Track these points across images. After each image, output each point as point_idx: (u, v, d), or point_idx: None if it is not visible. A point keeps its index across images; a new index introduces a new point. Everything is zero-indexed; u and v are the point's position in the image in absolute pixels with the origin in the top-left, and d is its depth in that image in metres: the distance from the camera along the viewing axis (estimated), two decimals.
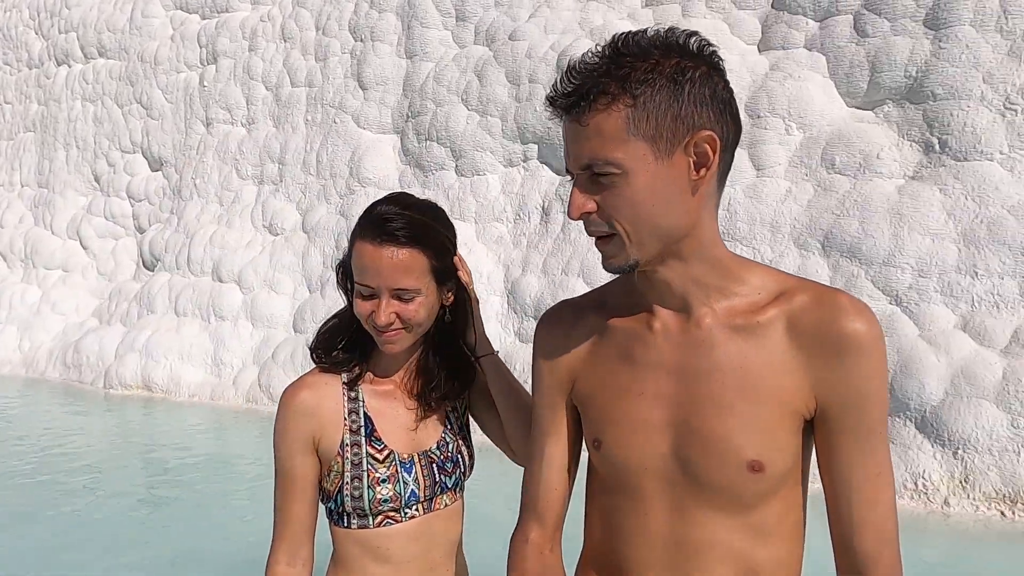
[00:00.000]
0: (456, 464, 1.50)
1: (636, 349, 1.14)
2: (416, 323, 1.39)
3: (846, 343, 1.03)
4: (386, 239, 1.35)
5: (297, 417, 1.40)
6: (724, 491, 1.08)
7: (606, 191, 1.03)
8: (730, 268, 1.11)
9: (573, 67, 1.03)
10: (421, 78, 7.84)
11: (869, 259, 5.52)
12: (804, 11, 6.19)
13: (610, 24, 6.89)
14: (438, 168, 7.66)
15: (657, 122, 1.00)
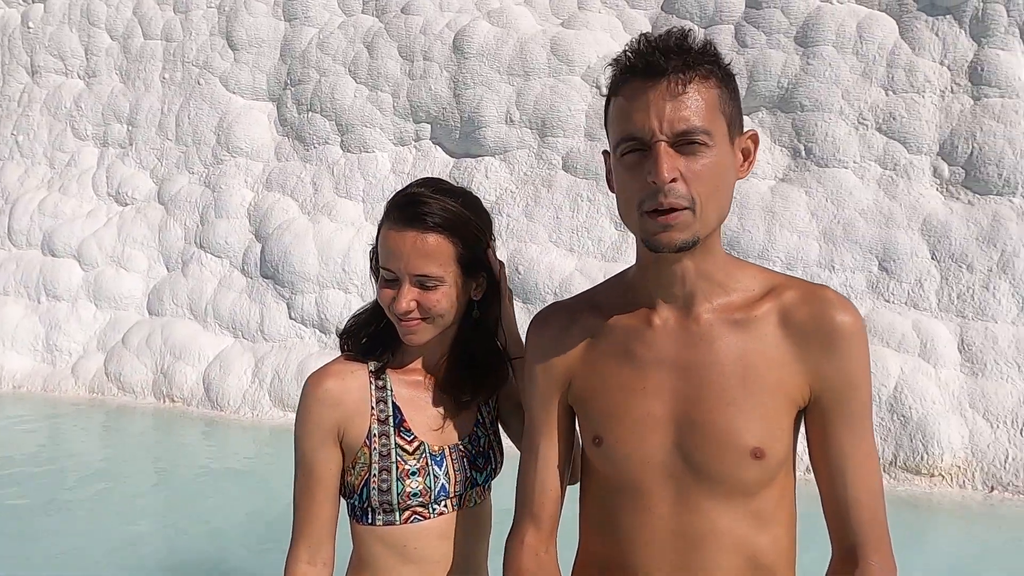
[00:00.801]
0: (488, 460, 1.46)
1: (636, 346, 1.18)
2: (437, 313, 1.34)
3: (836, 334, 1.11)
4: (411, 223, 1.32)
5: (321, 407, 1.35)
6: (727, 480, 1.13)
7: (691, 160, 1.05)
8: (729, 265, 1.18)
9: (657, 37, 1.07)
10: (303, 44, 7.35)
11: (746, 252, 6.10)
12: (691, 16, 6.60)
13: (507, 8, 6.89)
14: (321, 142, 7.26)
15: (732, 108, 1.10)
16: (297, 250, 6.98)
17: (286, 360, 6.91)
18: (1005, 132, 5.83)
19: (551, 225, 6.59)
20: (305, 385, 1.38)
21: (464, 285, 1.38)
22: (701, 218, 1.07)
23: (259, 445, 6.50)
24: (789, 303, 1.14)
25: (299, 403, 1.38)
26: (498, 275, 1.45)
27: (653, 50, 1.06)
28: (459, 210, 1.35)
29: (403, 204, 1.35)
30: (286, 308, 7.09)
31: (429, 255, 1.32)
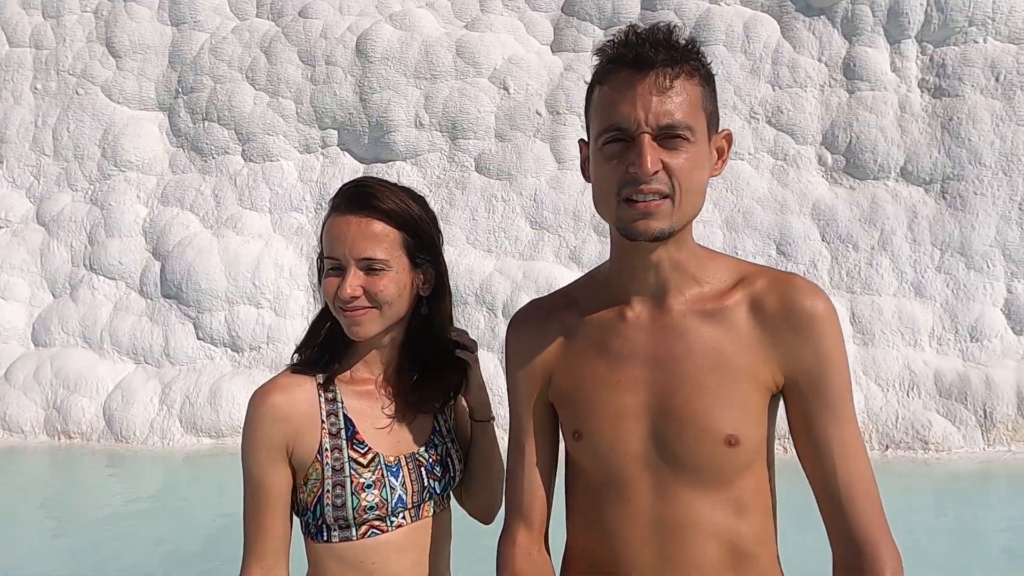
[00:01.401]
0: (446, 468, 1.41)
1: (610, 340, 1.19)
2: (384, 300, 1.30)
3: (805, 319, 1.12)
4: (357, 208, 1.30)
5: (268, 423, 1.29)
6: (704, 468, 1.14)
7: (672, 153, 1.07)
8: (701, 258, 1.19)
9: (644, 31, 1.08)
10: (193, 49, 6.99)
11: None
12: (590, 18, 6.82)
13: (409, 11, 6.85)
14: (220, 152, 6.94)
15: (712, 107, 1.12)
16: (201, 266, 6.64)
17: (196, 383, 6.56)
18: (877, 122, 6.41)
19: (467, 227, 6.62)
20: (250, 401, 1.32)
21: (410, 273, 1.34)
22: (679, 210, 1.09)
23: (172, 475, 6.13)
24: (759, 291, 1.16)
25: (245, 420, 1.32)
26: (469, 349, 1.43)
27: (643, 42, 1.06)
28: (406, 199, 1.34)
29: (349, 192, 1.32)
30: (193, 328, 6.72)
31: (375, 239, 1.28)
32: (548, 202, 6.56)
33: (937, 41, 6.44)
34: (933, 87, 6.43)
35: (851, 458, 1.13)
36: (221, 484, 5.67)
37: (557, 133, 6.61)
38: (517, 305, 6.56)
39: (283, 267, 6.69)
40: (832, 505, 1.14)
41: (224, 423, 6.34)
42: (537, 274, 6.44)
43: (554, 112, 6.64)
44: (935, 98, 6.41)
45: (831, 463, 1.13)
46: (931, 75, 6.43)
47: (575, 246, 6.51)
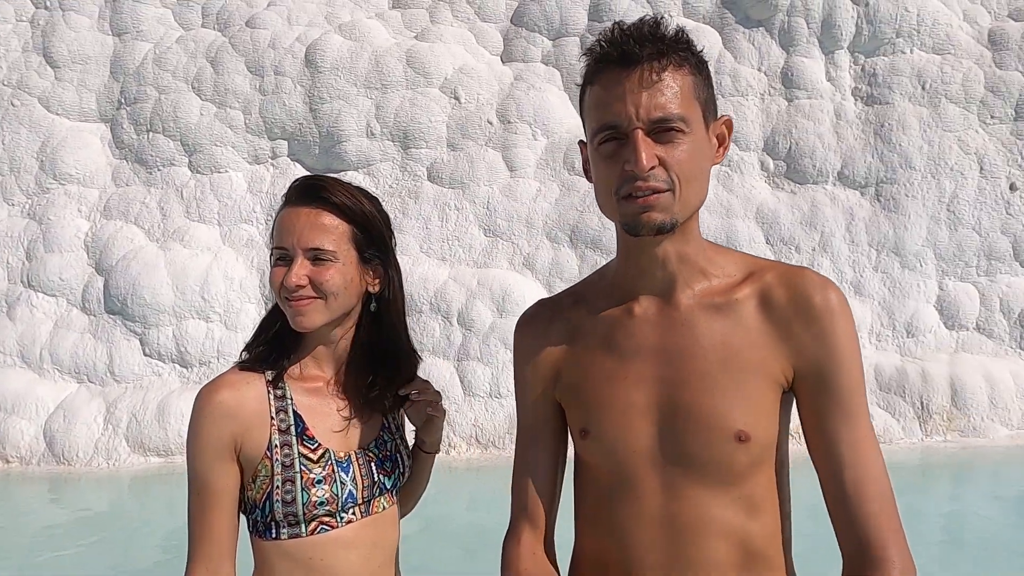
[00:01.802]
0: (396, 464, 1.42)
1: (618, 336, 1.18)
2: (330, 291, 1.30)
3: (815, 312, 1.10)
4: (307, 200, 1.32)
5: (216, 420, 1.27)
6: (713, 464, 1.11)
7: (668, 146, 1.06)
8: (709, 251, 1.18)
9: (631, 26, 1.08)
10: (136, 60, 6.84)
11: (608, 249, 6.50)
12: (539, 29, 6.94)
13: (359, 22, 6.86)
14: (166, 164, 6.80)
15: (707, 93, 1.11)
16: (147, 281, 6.47)
17: (143, 401, 6.37)
18: (815, 129, 6.69)
19: (421, 236, 6.63)
20: (196, 399, 1.30)
21: (358, 267, 1.34)
22: (680, 201, 1.07)
23: (118, 497, 5.93)
24: (768, 285, 1.14)
25: (191, 419, 1.30)
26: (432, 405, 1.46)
27: (627, 39, 1.05)
28: (358, 195, 1.35)
29: (301, 184, 1.34)
30: (139, 344, 6.54)
31: (323, 229, 1.30)
32: (501, 210, 6.62)
33: (868, 52, 6.77)
34: (865, 95, 6.75)
35: (862, 457, 1.09)
36: (171, 504, 5.50)
37: (509, 142, 6.69)
38: (472, 313, 6.60)
39: (233, 280, 6.57)
40: (841, 505, 1.10)
41: (173, 441, 6.17)
42: (492, 281, 6.48)
43: (505, 121, 6.72)
44: (867, 106, 6.73)
45: (840, 462, 1.09)
46: (863, 84, 6.75)
47: (529, 253, 6.58)
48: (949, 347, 6.46)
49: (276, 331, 1.37)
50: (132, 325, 6.54)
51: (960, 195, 6.54)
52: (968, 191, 6.53)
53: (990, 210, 6.53)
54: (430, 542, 4.20)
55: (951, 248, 6.52)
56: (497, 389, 6.22)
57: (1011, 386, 6.17)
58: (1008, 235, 6.51)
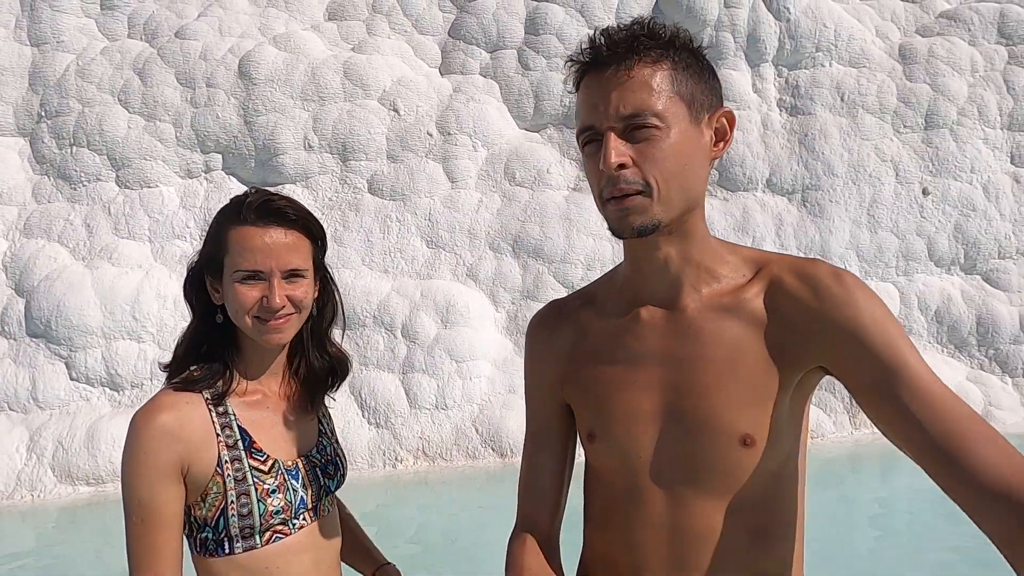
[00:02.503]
0: (336, 467, 1.47)
1: (626, 339, 1.15)
2: (304, 306, 1.36)
3: (830, 290, 1.04)
4: (275, 220, 1.33)
5: (159, 443, 1.26)
6: (718, 471, 1.08)
7: (643, 144, 1.03)
8: (718, 250, 1.13)
9: (609, 28, 1.07)
10: (57, 71, 6.56)
11: (550, 258, 6.58)
12: (477, 41, 7.01)
13: (294, 34, 6.77)
14: (92, 179, 6.52)
15: (692, 87, 1.05)
16: (73, 301, 6.18)
17: (71, 428, 6.06)
18: (744, 139, 6.96)
19: (362, 248, 6.55)
20: (134, 423, 1.27)
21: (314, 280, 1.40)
22: (661, 202, 1.04)
23: (44, 531, 5.61)
24: (778, 280, 1.09)
25: (129, 444, 1.27)
26: None
27: (601, 42, 1.05)
28: (306, 209, 1.39)
29: (260, 204, 1.33)
30: (64, 368, 6.22)
31: (296, 249, 1.33)
32: (443, 221, 6.62)
33: (790, 65, 7.11)
34: (790, 106, 7.07)
35: (947, 412, 0.94)
36: (103, 535, 5.25)
37: (449, 153, 6.71)
38: (416, 325, 6.55)
39: (166, 298, 6.34)
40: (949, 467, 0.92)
41: (104, 468, 5.89)
42: (435, 293, 6.46)
43: (445, 132, 6.74)
44: (792, 116, 7.05)
45: (919, 424, 0.95)
46: (787, 95, 7.08)
47: (471, 263, 6.60)
48: None
49: (206, 350, 1.37)
50: (57, 348, 6.22)
51: (878, 200, 6.92)
52: (885, 196, 6.92)
53: (906, 213, 6.93)
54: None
55: (872, 250, 6.89)
56: (443, 401, 6.19)
57: None
58: (923, 237, 6.92)
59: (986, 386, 6.58)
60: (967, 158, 6.99)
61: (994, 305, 6.78)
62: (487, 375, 6.29)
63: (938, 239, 6.90)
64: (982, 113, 7.05)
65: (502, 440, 6.06)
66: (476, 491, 5.61)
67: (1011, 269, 6.92)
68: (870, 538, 4.57)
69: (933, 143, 7.01)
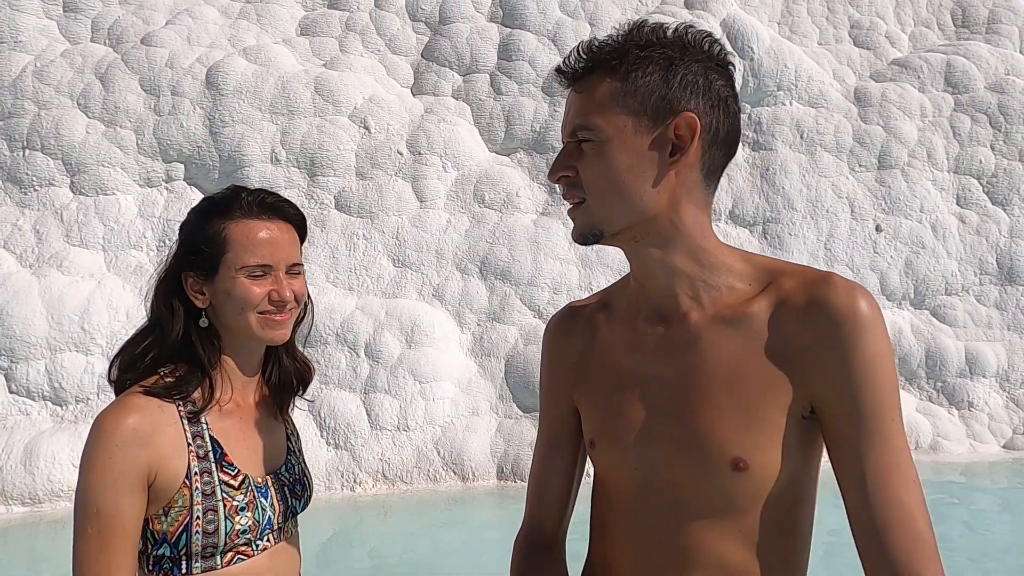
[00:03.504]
0: (304, 487, 1.41)
1: (629, 349, 1.14)
2: (304, 301, 1.37)
3: (839, 320, 0.98)
4: (276, 214, 1.32)
5: (127, 449, 1.18)
6: (709, 491, 1.05)
7: (585, 158, 1.05)
8: (717, 259, 1.09)
9: (587, 43, 1.08)
10: (13, 72, 6.33)
11: (517, 280, 6.58)
12: (449, 64, 7.05)
13: (265, 47, 6.70)
14: (44, 184, 6.27)
15: (643, 99, 1.02)
16: (18, 310, 5.88)
17: (7, 443, 5.73)
18: None
19: (327, 265, 6.44)
20: (99, 425, 1.21)
21: None
22: (597, 211, 1.04)
23: None
24: (787, 294, 1.04)
25: (91, 447, 1.20)
26: None
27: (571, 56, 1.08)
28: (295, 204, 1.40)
29: (257, 199, 1.32)
30: (3, 380, 5.90)
31: (295, 243, 1.35)
32: (410, 240, 6.56)
33: (754, 102, 7.35)
34: (752, 141, 7.29)
35: (889, 485, 0.96)
36: (35, 559, 4.94)
37: (419, 173, 6.69)
38: (380, 344, 6.44)
39: (118, 309, 6.09)
40: (867, 542, 0.98)
41: (41, 487, 5.57)
42: (400, 312, 6.38)
43: (416, 152, 6.72)
44: (754, 151, 7.27)
45: (865, 492, 0.97)
46: (750, 131, 7.30)
47: (438, 284, 6.55)
48: None
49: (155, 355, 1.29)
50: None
51: (835, 235, 7.15)
52: (841, 231, 7.16)
53: (860, 248, 7.18)
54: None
55: None
56: (405, 422, 6.07)
57: None
58: (876, 271, 7.17)
59: (934, 417, 6.79)
60: (917, 198, 7.30)
61: (942, 339, 7.04)
62: (450, 396, 6.20)
63: (890, 274, 7.16)
64: (931, 156, 7.39)
65: (464, 464, 5.96)
66: (436, 515, 5.49)
67: (957, 305, 7.20)
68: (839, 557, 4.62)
69: (886, 182, 7.31)
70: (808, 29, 7.80)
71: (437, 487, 5.85)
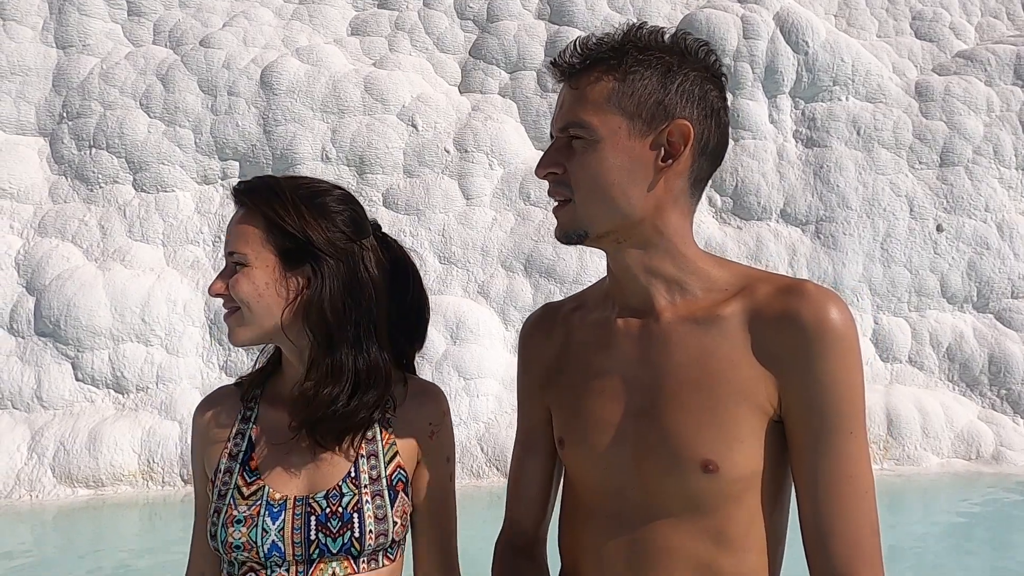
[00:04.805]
0: (346, 526, 1.16)
1: (602, 348, 1.13)
2: (241, 300, 1.15)
3: (808, 332, 0.98)
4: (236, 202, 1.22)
5: (193, 435, 1.28)
6: (679, 493, 1.04)
7: (575, 156, 1.03)
8: (695, 264, 1.08)
9: (584, 39, 1.07)
10: (81, 74, 6.63)
11: (562, 278, 6.58)
12: (497, 62, 7.07)
13: (316, 47, 6.84)
14: (109, 181, 6.56)
15: (639, 102, 1.02)
16: (84, 302, 6.17)
17: (73, 429, 6.02)
18: (759, 168, 6.98)
19: None
20: None
21: (277, 272, 1.17)
22: (582, 212, 1.03)
23: (41, 533, 5.55)
24: (761, 299, 1.03)
25: None
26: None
27: (568, 50, 1.06)
28: (280, 189, 1.18)
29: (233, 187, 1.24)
30: (71, 369, 6.20)
31: (239, 233, 1.17)
32: (456, 237, 6.62)
33: (807, 97, 7.15)
34: (806, 138, 7.10)
35: (840, 495, 0.98)
36: (97, 540, 5.18)
37: (465, 170, 6.74)
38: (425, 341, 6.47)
39: (176, 302, 6.33)
40: (811, 543, 1.01)
41: (105, 471, 5.84)
42: (446, 308, 6.45)
43: (462, 150, 6.78)
44: (807, 148, 7.08)
45: (816, 500, 1.00)
46: (803, 127, 7.11)
47: (483, 281, 6.59)
48: (884, 379, 6.75)
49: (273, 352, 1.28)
50: (64, 348, 6.20)
51: (892, 234, 6.91)
52: (899, 231, 6.92)
53: (919, 249, 6.92)
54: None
55: (885, 284, 6.87)
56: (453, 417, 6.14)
57: (941, 416, 6.47)
58: (936, 273, 6.90)
59: (997, 426, 6.51)
60: (982, 196, 7.00)
61: (1006, 344, 6.74)
62: (494, 393, 6.25)
63: (951, 276, 6.89)
64: (997, 153, 7.07)
65: (506, 460, 6.00)
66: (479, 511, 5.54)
67: (1023, 309, 6.89)
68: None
69: (948, 180, 7.03)
70: (866, 21, 7.55)
71: (480, 483, 5.91)
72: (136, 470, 5.86)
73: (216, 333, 6.37)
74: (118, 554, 4.95)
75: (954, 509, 5.67)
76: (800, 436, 1.01)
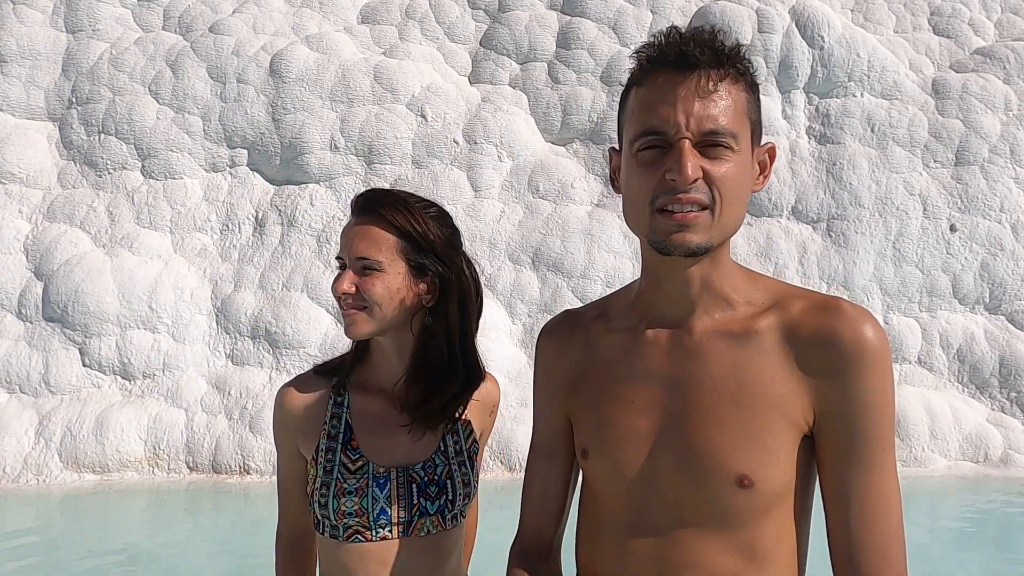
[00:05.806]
0: (443, 490, 1.38)
1: (629, 358, 1.12)
2: (374, 301, 1.32)
3: (846, 351, 0.99)
4: (361, 211, 1.36)
5: (280, 414, 1.42)
6: (711, 507, 1.03)
7: (715, 162, 0.99)
8: (737, 278, 1.09)
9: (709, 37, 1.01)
10: (91, 59, 6.61)
11: (569, 272, 6.54)
12: (508, 53, 7.01)
13: (326, 35, 6.79)
14: (117, 167, 6.55)
15: (756, 117, 1.04)
16: (91, 288, 6.18)
17: (80, 414, 6.05)
18: None
19: None
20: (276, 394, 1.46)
21: (411, 283, 1.35)
22: (719, 223, 1.00)
23: (47, 516, 5.58)
24: (796, 316, 1.04)
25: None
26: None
27: (687, 41, 0.98)
28: (408, 203, 1.36)
29: (360, 197, 1.39)
30: (78, 354, 6.22)
31: (371, 240, 1.33)
32: (464, 229, 6.49)
33: (822, 93, 7.06)
34: (819, 134, 7.02)
35: (871, 511, 0.99)
36: (103, 525, 5.21)
37: (474, 162, 6.69)
38: None
39: (183, 289, 6.33)
40: (840, 556, 1.02)
41: (111, 457, 5.86)
42: None
43: (471, 141, 6.73)
44: (820, 144, 7.00)
45: (847, 516, 1.00)
46: (817, 123, 7.02)
47: (491, 274, 6.56)
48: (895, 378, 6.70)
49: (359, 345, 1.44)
50: (72, 334, 6.22)
51: (905, 233, 6.84)
52: (912, 230, 6.84)
53: (932, 249, 6.84)
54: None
55: (896, 283, 6.80)
56: None
57: (949, 418, 6.42)
58: (948, 273, 6.82)
59: (1006, 429, 6.46)
60: (997, 196, 6.91)
61: (1017, 347, 6.67)
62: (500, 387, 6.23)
63: (964, 277, 6.81)
64: (1014, 152, 6.97)
65: (511, 454, 5.99)
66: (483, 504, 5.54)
67: None
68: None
69: (963, 179, 6.93)
70: (883, 16, 7.44)
71: (484, 476, 5.90)
72: (142, 456, 5.89)
73: (223, 321, 6.38)
74: (124, 539, 4.98)
75: (960, 512, 5.63)
76: (834, 451, 1.01)
